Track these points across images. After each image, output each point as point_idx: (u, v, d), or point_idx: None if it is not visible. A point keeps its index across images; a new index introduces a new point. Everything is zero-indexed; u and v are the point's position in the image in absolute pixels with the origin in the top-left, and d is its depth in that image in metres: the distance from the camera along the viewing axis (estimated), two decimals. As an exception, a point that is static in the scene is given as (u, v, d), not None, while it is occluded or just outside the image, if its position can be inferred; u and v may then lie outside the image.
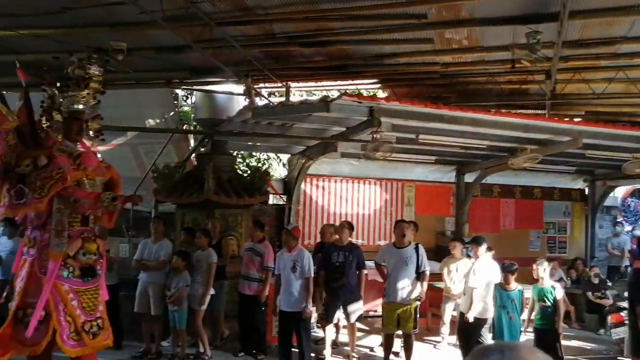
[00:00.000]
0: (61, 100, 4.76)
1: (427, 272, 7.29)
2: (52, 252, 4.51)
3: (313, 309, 9.15)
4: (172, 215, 9.08)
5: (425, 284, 7.25)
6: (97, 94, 4.90)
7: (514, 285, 6.75)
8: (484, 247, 7.07)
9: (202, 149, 10.03)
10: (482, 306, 6.81)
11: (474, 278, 6.88)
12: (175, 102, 12.84)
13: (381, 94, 11.64)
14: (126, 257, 9.93)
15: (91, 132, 4.98)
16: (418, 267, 7.19)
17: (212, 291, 7.41)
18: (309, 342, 6.96)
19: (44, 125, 4.71)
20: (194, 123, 12.25)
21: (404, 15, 7.24)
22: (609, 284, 10.17)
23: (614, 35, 7.49)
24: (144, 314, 7.56)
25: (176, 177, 8.80)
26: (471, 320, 6.74)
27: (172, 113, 11.34)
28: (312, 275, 6.87)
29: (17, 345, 4.50)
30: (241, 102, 10.15)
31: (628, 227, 15.15)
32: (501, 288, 6.71)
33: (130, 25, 7.61)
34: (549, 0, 6.54)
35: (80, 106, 4.78)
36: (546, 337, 6.68)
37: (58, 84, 4.78)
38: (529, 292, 7.17)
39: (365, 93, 10.13)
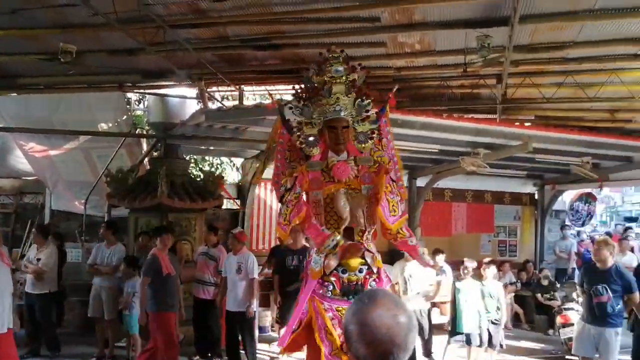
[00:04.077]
0: (312, 111, 4.32)
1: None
2: (312, 269, 4.27)
3: (268, 312, 9.23)
4: (125, 220, 8.91)
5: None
6: (355, 95, 4.36)
7: None
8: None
9: (155, 153, 9.89)
10: None
11: None
12: (128, 105, 12.64)
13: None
14: (79, 261, 9.76)
15: (360, 136, 4.35)
16: None
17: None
18: (253, 341, 7.17)
19: (298, 142, 4.30)
20: (147, 127, 12.06)
21: (357, 18, 7.27)
22: (558, 285, 10.43)
23: (563, 39, 7.60)
24: (98, 318, 7.52)
25: (129, 181, 8.66)
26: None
27: (124, 117, 11.18)
28: (256, 276, 7.08)
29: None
30: (194, 105, 10.07)
31: (574, 231, 15.60)
32: None
33: (82, 27, 7.47)
34: (500, 5, 6.58)
35: (342, 114, 4.23)
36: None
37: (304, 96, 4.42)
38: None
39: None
